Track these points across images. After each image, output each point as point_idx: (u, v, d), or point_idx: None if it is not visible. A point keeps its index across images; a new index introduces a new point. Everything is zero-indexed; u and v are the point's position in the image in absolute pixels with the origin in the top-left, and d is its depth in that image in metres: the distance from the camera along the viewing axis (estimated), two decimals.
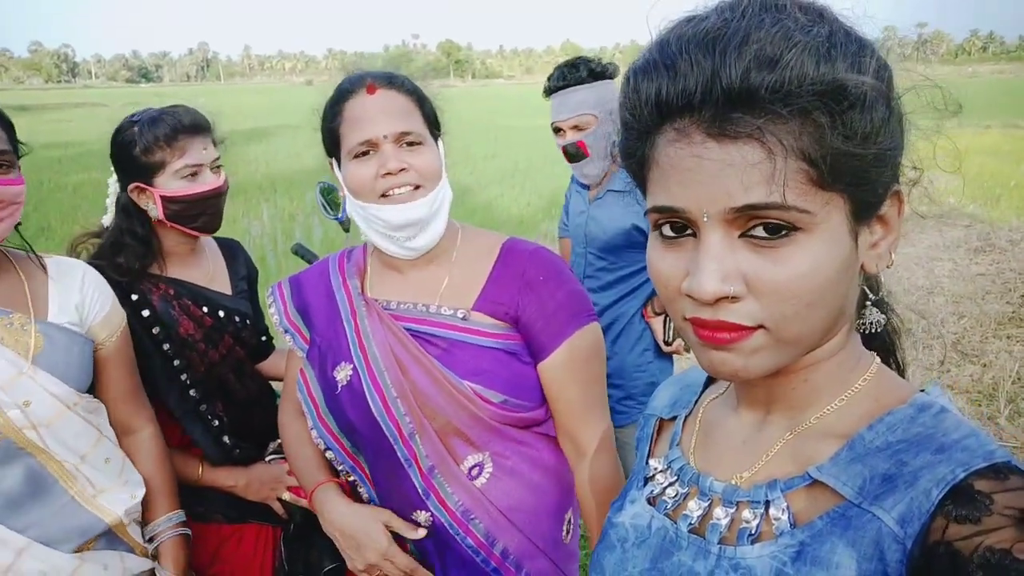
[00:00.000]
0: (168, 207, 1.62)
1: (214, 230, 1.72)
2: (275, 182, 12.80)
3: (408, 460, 1.29)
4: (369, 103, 1.26)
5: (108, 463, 1.42)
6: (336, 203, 2.32)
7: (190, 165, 1.62)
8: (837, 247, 0.59)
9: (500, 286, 1.31)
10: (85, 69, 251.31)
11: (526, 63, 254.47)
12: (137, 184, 1.63)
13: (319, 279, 1.43)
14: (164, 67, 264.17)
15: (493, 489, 1.32)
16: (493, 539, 1.31)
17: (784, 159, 0.56)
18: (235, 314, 1.77)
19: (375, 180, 1.25)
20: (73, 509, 1.35)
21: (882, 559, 0.56)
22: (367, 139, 1.25)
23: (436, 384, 1.28)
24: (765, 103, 0.56)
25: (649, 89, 0.60)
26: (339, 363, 1.34)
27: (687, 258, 0.62)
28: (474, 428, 1.29)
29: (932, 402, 0.64)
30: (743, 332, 0.60)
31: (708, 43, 0.57)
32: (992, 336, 5.15)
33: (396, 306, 1.35)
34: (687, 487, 0.74)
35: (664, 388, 0.92)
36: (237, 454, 1.74)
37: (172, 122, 1.61)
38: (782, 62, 0.55)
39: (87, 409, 1.39)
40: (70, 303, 1.40)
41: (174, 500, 1.57)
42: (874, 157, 0.58)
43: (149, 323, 1.63)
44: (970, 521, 0.53)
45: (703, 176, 0.58)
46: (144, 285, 1.66)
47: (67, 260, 1.47)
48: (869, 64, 0.58)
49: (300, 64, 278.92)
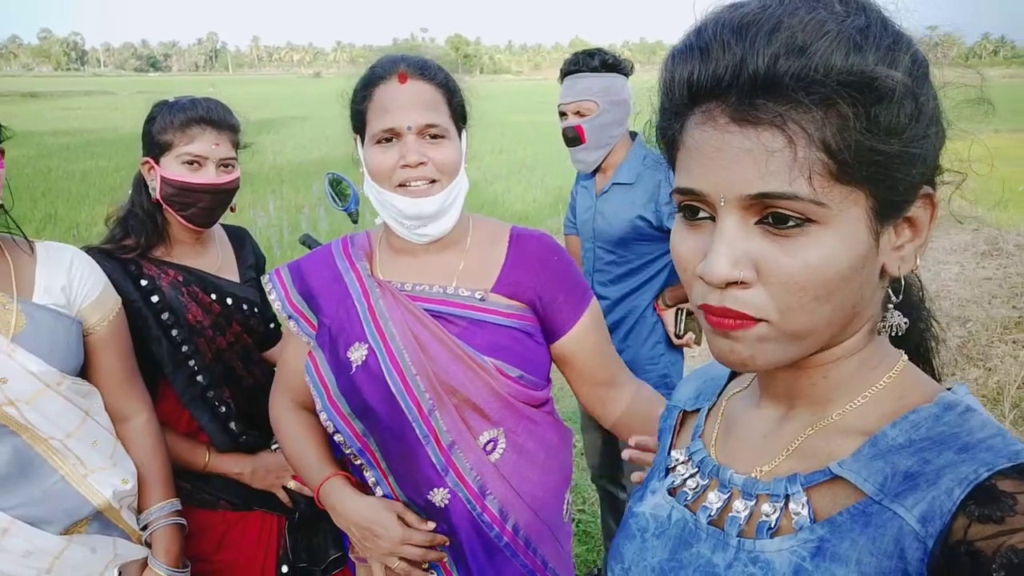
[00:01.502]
0: (164, 188, 1.66)
1: (205, 225, 1.73)
2: (282, 173, 12.82)
3: (427, 436, 1.30)
4: (399, 92, 1.28)
5: (96, 444, 1.42)
6: (344, 194, 2.32)
7: (193, 154, 1.64)
8: (853, 244, 0.58)
9: (518, 268, 1.37)
10: (94, 57, 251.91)
11: (534, 59, 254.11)
12: (148, 159, 1.69)
13: (322, 263, 1.44)
14: (173, 56, 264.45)
15: (505, 465, 1.35)
16: (506, 514, 1.35)
17: (804, 149, 0.56)
18: (243, 302, 1.79)
19: (394, 169, 1.28)
20: (62, 489, 1.36)
21: (902, 557, 0.55)
22: (391, 127, 1.27)
23: (458, 360, 1.30)
24: (789, 90, 0.55)
25: (683, 71, 0.61)
26: (352, 344, 1.34)
27: (705, 241, 0.62)
28: (492, 403, 1.32)
29: (958, 401, 0.62)
30: (746, 321, 0.60)
31: (741, 28, 0.57)
32: (998, 340, 5.12)
33: (412, 288, 1.36)
34: (707, 479, 0.74)
35: (688, 381, 0.92)
36: (243, 441, 1.75)
37: (191, 111, 1.66)
38: (810, 50, 0.55)
39: (74, 391, 1.39)
40: (56, 285, 1.40)
41: (168, 488, 1.57)
42: (898, 154, 0.57)
43: (159, 308, 1.65)
44: (993, 521, 0.52)
45: (723, 160, 0.59)
46: (153, 271, 1.68)
47: (57, 245, 1.48)
48: (902, 59, 0.57)
49: (308, 56, 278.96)
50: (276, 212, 10.04)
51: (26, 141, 15.21)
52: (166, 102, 1.71)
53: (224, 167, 1.69)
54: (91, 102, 31.97)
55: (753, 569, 0.64)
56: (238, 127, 1.75)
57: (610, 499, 2.78)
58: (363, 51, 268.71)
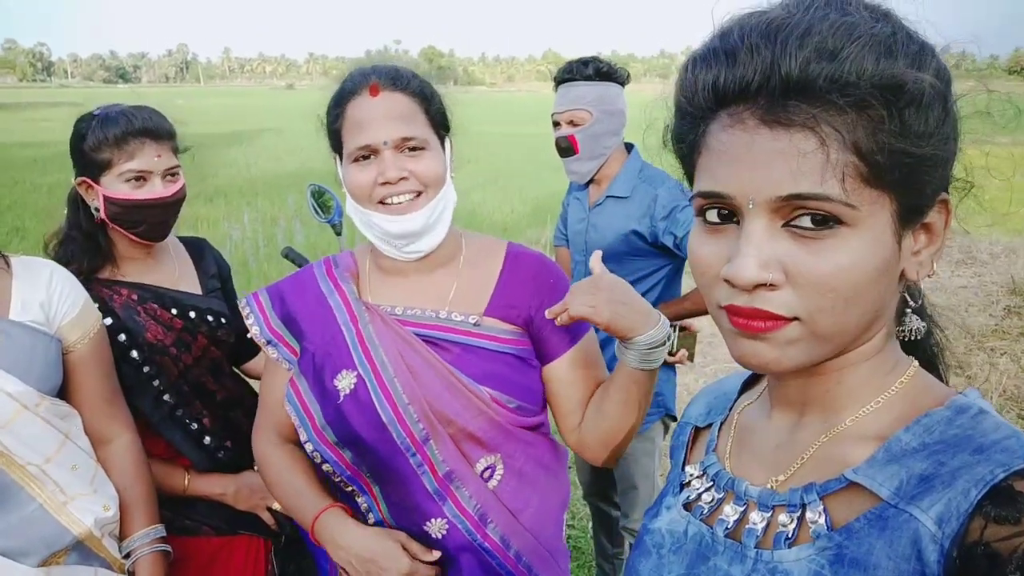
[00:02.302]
0: (109, 208, 1.57)
1: (158, 239, 1.66)
2: (256, 186, 12.69)
3: (421, 466, 1.26)
4: (371, 106, 1.22)
5: (75, 469, 1.35)
6: (327, 206, 2.27)
7: (135, 171, 1.56)
8: (879, 247, 0.59)
9: (512, 290, 1.31)
10: (61, 68, 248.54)
11: (508, 71, 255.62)
12: (84, 179, 1.59)
13: (305, 286, 1.37)
14: (142, 68, 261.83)
15: (504, 491, 1.31)
16: (508, 541, 1.30)
17: (836, 151, 0.56)
18: (207, 313, 1.71)
19: (373, 187, 1.23)
20: (40, 517, 1.29)
21: (920, 559, 0.56)
22: (366, 144, 1.22)
23: (452, 389, 1.25)
24: (822, 92, 0.56)
25: (707, 76, 0.61)
26: (340, 371, 1.28)
27: (728, 245, 0.62)
28: (489, 432, 1.28)
29: (970, 404, 0.63)
30: (778, 322, 0.60)
31: (771, 33, 0.58)
32: (976, 348, 5.19)
33: (403, 312, 1.31)
34: (723, 492, 0.74)
35: (699, 397, 0.92)
36: (221, 456, 1.69)
37: (125, 124, 1.56)
38: (842, 54, 0.56)
39: (53, 413, 1.33)
40: (34, 301, 1.34)
41: (152, 514, 1.50)
42: (926, 158, 0.58)
43: (113, 330, 1.57)
44: (1009, 522, 0.52)
45: (752, 162, 0.59)
46: (103, 292, 1.60)
47: (35, 259, 1.41)
48: (930, 64, 0.58)
49: (281, 68, 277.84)
50: (251, 225, 9.92)
51: None
52: (93, 115, 1.59)
53: (170, 176, 1.62)
54: (58, 114, 31.49)
55: None
56: (175, 132, 1.66)
57: (601, 515, 2.74)
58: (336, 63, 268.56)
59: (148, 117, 1.60)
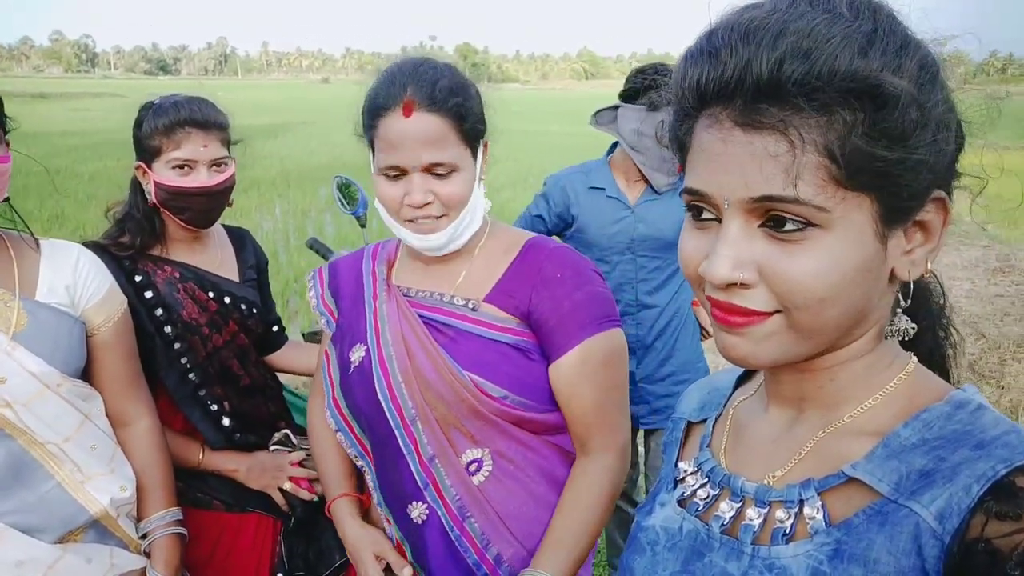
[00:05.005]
0: (159, 192, 1.64)
1: (203, 226, 1.72)
2: (288, 178, 12.83)
3: (408, 447, 1.30)
4: (404, 127, 1.21)
5: (94, 449, 1.38)
6: (353, 198, 2.29)
7: (181, 159, 1.63)
8: (857, 248, 0.59)
9: (515, 280, 1.30)
10: (104, 60, 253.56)
11: (542, 69, 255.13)
12: (140, 164, 1.67)
13: (353, 264, 1.47)
14: (182, 60, 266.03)
15: (492, 489, 1.30)
16: (487, 542, 1.29)
17: (805, 154, 0.56)
18: (241, 301, 1.77)
19: (401, 205, 1.26)
20: (58, 495, 1.32)
21: (920, 554, 0.56)
22: (396, 165, 1.24)
23: (438, 372, 1.28)
24: (791, 95, 0.56)
25: (692, 74, 0.61)
26: (355, 344, 1.38)
27: (710, 241, 0.63)
28: (474, 422, 1.28)
29: (969, 399, 0.63)
30: (756, 317, 0.61)
31: (748, 33, 0.58)
32: (1011, 358, 5.07)
33: (415, 293, 1.37)
34: (718, 488, 0.74)
35: (692, 392, 0.92)
36: (238, 438, 1.73)
37: (174, 114, 1.63)
38: (813, 55, 0.55)
39: (74, 394, 1.36)
40: (60, 284, 1.37)
41: (170, 496, 1.53)
42: (901, 161, 0.57)
43: (151, 304, 1.65)
44: (1010, 518, 0.52)
45: (727, 163, 0.59)
46: (148, 266, 1.67)
47: (63, 243, 1.45)
48: (908, 65, 0.57)
49: (317, 62, 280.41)
50: (282, 216, 10.04)
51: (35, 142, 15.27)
52: (151, 104, 1.68)
53: (216, 167, 1.67)
54: (100, 104, 32.14)
55: None
56: (226, 124, 1.71)
57: (619, 514, 2.73)
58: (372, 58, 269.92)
59: (197, 108, 1.66)
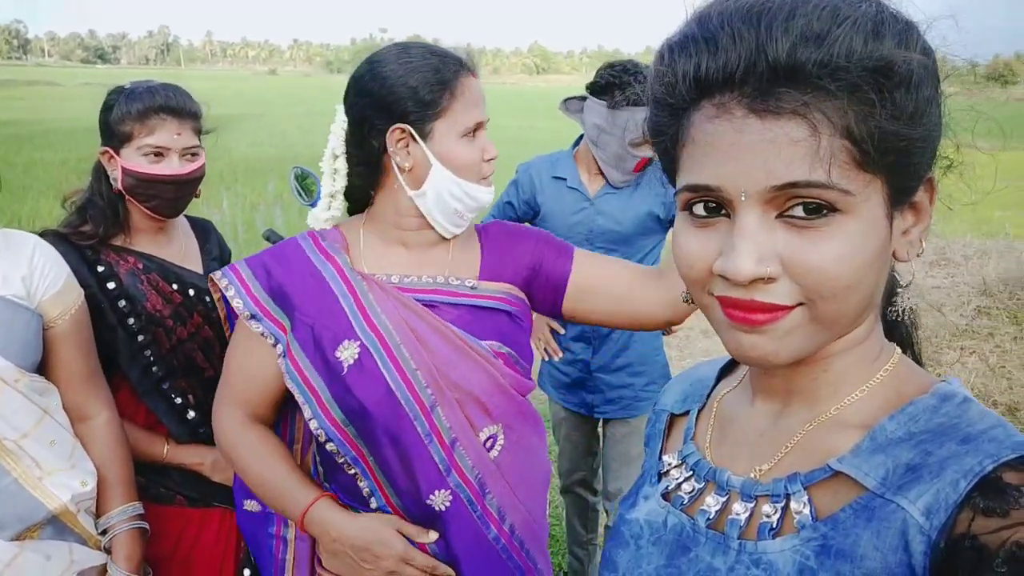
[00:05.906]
0: (126, 179, 1.61)
1: (170, 215, 1.70)
2: (236, 170, 12.55)
3: (429, 434, 1.26)
4: (477, 86, 1.32)
5: (53, 445, 1.35)
6: (310, 189, 2.26)
7: (153, 146, 1.60)
8: (875, 231, 0.58)
9: (495, 253, 1.40)
10: (37, 47, 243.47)
11: (493, 63, 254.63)
12: (107, 148, 1.64)
13: (290, 259, 1.33)
14: (122, 48, 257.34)
15: (504, 462, 1.34)
16: (504, 515, 1.33)
17: (828, 137, 0.55)
18: (205, 293, 1.74)
19: (481, 163, 1.31)
20: (14, 492, 1.28)
21: (907, 550, 0.55)
22: (481, 121, 1.31)
23: (458, 350, 1.29)
24: (812, 78, 0.54)
25: (687, 64, 0.58)
26: (340, 343, 1.26)
27: (719, 238, 0.60)
28: (494, 396, 1.31)
29: (954, 392, 0.62)
30: (780, 312, 0.58)
31: (752, 17, 0.56)
32: (947, 347, 5.29)
33: (399, 280, 1.32)
34: (703, 482, 0.72)
35: (674, 384, 0.90)
36: (202, 432, 1.70)
37: (149, 100, 1.61)
38: (830, 37, 0.54)
39: (32, 389, 1.32)
40: (16, 275, 1.33)
41: (130, 491, 1.50)
42: (919, 139, 0.57)
43: (114, 296, 1.61)
44: (998, 514, 0.52)
45: (743, 153, 0.57)
46: (111, 257, 1.64)
47: (18, 233, 1.41)
48: (916, 43, 0.57)
49: (264, 53, 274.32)
50: (231, 209, 9.83)
51: None
52: (122, 89, 1.65)
53: (188, 156, 1.65)
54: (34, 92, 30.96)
55: (756, 571, 0.62)
56: (200, 113, 1.70)
57: (578, 502, 2.77)
58: (320, 50, 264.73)
59: (172, 95, 1.64)
